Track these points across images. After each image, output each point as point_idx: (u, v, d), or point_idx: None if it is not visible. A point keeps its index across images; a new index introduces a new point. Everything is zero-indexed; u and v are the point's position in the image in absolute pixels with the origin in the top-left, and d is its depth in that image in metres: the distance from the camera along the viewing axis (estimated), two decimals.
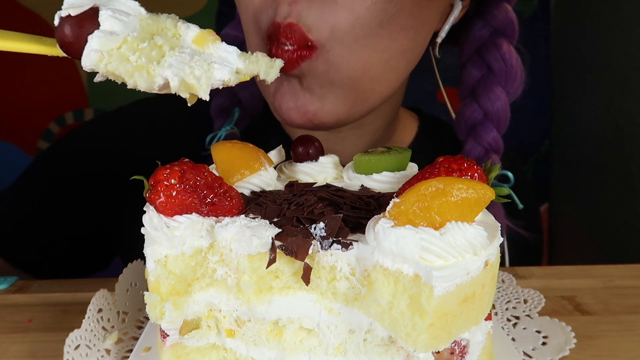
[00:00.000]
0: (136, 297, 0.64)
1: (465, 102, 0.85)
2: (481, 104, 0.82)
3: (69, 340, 0.53)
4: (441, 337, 0.41)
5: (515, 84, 0.83)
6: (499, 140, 0.84)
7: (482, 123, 0.83)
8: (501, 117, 0.82)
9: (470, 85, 0.84)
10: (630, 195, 1.39)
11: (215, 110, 0.88)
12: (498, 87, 0.82)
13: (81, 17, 0.42)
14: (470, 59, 0.84)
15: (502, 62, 0.81)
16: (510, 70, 0.82)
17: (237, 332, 0.50)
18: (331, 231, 0.44)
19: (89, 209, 0.91)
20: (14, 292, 0.72)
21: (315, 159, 0.60)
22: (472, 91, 0.84)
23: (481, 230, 0.42)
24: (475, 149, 0.83)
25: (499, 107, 0.82)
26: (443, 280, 0.39)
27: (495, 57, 0.82)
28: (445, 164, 0.48)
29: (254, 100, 0.88)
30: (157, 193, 0.45)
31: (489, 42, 0.83)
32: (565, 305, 0.67)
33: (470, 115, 0.83)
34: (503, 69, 0.82)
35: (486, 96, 0.82)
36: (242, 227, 0.45)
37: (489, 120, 0.83)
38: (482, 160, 0.83)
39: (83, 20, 0.43)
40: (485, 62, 0.83)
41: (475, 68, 0.84)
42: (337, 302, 0.46)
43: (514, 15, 0.83)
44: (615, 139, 1.43)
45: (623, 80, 1.39)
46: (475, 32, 0.83)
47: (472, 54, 0.84)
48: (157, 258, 0.47)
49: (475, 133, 0.83)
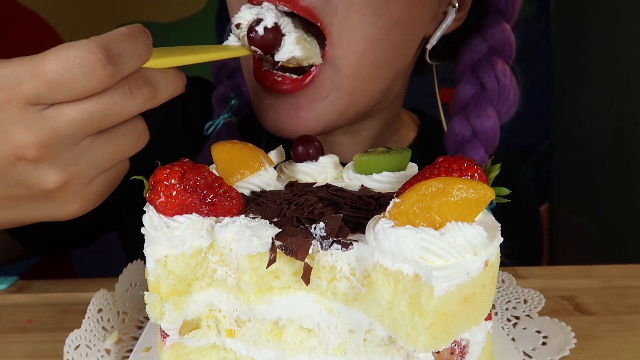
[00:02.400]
0: (136, 297, 0.64)
1: (457, 117, 0.84)
2: (471, 121, 0.81)
3: (69, 340, 0.53)
4: (441, 337, 0.41)
5: (507, 104, 0.82)
6: (486, 159, 0.82)
7: (470, 141, 0.82)
8: (489, 137, 0.81)
9: (463, 101, 0.84)
10: (630, 195, 1.38)
11: (217, 100, 0.88)
12: (489, 106, 0.81)
13: (275, 27, 0.64)
14: (464, 74, 0.84)
15: (495, 81, 0.81)
16: (503, 90, 0.81)
17: (237, 332, 0.50)
18: (331, 231, 0.44)
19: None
20: (14, 292, 0.72)
21: (315, 159, 0.60)
22: (463, 107, 0.83)
23: (481, 230, 0.42)
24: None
25: (489, 126, 0.80)
26: (443, 280, 0.39)
27: (489, 75, 0.81)
28: (445, 164, 0.48)
29: None
30: (157, 193, 0.45)
31: (484, 60, 0.82)
32: (565, 305, 0.67)
33: (460, 132, 0.82)
34: (496, 88, 0.81)
35: (477, 114, 0.81)
36: (242, 227, 0.45)
37: (477, 139, 0.81)
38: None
39: (277, 28, 0.64)
40: (479, 79, 0.82)
41: (469, 84, 0.83)
42: (337, 302, 0.46)
43: (512, 36, 0.83)
44: (615, 139, 1.43)
45: (623, 80, 1.39)
46: (471, 48, 0.83)
47: (467, 70, 0.84)
48: (157, 258, 0.47)
49: (462, 150, 0.82)
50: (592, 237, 1.58)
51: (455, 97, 0.85)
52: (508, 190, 0.47)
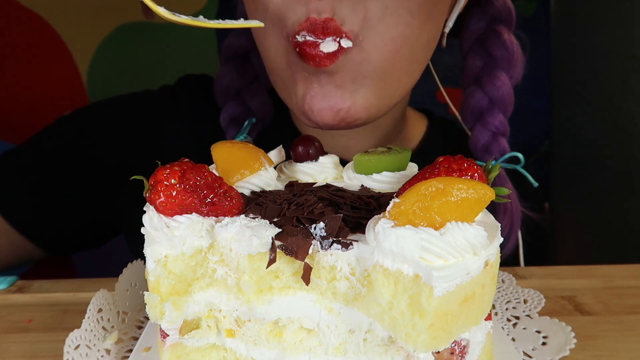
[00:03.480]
0: (136, 297, 0.64)
1: (470, 90, 0.87)
2: (487, 91, 0.85)
3: (69, 340, 0.53)
4: (441, 337, 0.41)
5: (517, 69, 0.85)
6: (506, 124, 0.86)
7: (488, 109, 0.85)
8: (507, 102, 0.85)
9: (474, 74, 0.86)
10: (631, 195, 1.38)
11: (226, 121, 0.87)
12: (502, 73, 0.84)
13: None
14: (471, 49, 0.86)
15: (503, 49, 0.84)
16: (512, 56, 0.84)
17: (237, 332, 0.50)
18: (331, 231, 0.44)
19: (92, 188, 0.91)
20: (14, 292, 0.72)
21: (315, 159, 0.60)
22: (475, 79, 0.86)
23: (481, 230, 0.42)
24: (483, 135, 0.86)
25: (504, 92, 0.84)
26: (443, 281, 0.39)
27: (496, 45, 0.84)
28: (445, 164, 0.48)
29: (265, 108, 0.88)
30: (157, 193, 0.45)
31: (489, 31, 0.85)
32: (565, 305, 0.67)
33: (477, 103, 0.86)
34: (505, 56, 0.84)
35: (491, 83, 0.84)
36: (242, 227, 0.45)
37: (495, 106, 0.85)
38: (492, 145, 0.85)
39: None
40: (487, 50, 0.85)
41: (477, 57, 0.86)
42: (337, 302, 0.46)
43: (511, 3, 0.85)
44: (615, 139, 1.43)
45: (623, 80, 1.39)
46: (474, 22, 0.85)
47: (473, 44, 0.86)
48: (157, 258, 0.47)
49: (482, 119, 0.86)
50: (592, 237, 1.58)
51: (465, 71, 0.88)
52: (508, 190, 0.47)
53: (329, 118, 0.69)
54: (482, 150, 0.86)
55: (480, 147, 0.86)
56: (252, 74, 0.87)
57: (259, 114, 0.87)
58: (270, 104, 0.88)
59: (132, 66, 1.80)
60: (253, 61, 0.87)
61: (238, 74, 0.87)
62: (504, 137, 0.86)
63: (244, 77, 0.86)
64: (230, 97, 0.88)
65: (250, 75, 0.87)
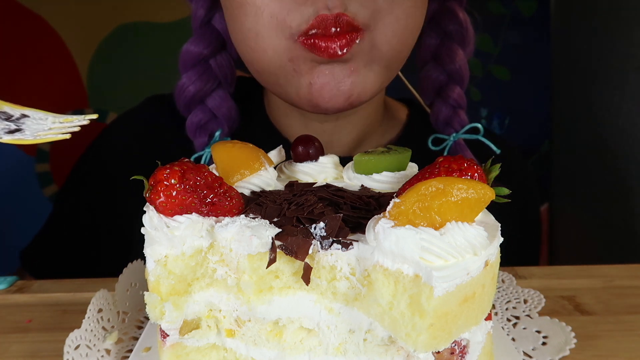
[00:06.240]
0: (136, 297, 0.64)
1: (427, 67, 0.90)
2: (445, 67, 0.88)
3: (69, 340, 0.53)
4: (441, 337, 0.41)
5: (471, 43, 0.89)
6: (463, 96, 0.90)
7: (447, 84, 0.89)
8: (464, 75, 0.89)
9: (430, 52, 0.90)
10: (630, 195, 1.38)
11: (193, 127, 0.86)
12: (458, 49, 0.88)
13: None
14: (425, 28, 0.88)
15: (458, 25, 0.87)
16: (466, 32, 0.88)
17: (237, 332, 0.50)
18: (331, 231, 0.44)
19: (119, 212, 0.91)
20: (14, 292, 0.72)
21: (315, 159, 0.60)
22: (433, 57, 0.90)
23: (481, 230, 0.42)
24: (443, 110, 0.88)
25: (461, 66, 0.88)
26: (443, 281, 0.39)
27: (452, 22, 0.87)
28: (445, 164, 0.48)
29: (231, 113, 0.87)
30: (157, 193, 0.45)
31: (443, 9, 0.88)
32: (565, 305, 0.67)
33: (436, 79, 0.89)
34: (459, 31, 0.88)
35: (449, 58, 0.88)
36: (242, 227, 0.45)
37: (453, 81, 0.88)
38: (452, 118, 0.88)
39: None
40: (442, 27, 0.88)
41: (433, 35, 0.89)
42: (337, 302, 0.46)
43: None
44: (615, 139, 1.43)
45: (623, 80, 1.39)
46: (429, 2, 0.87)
47: (428, 23, 0.88)
48: (157, 258, 0.47)
49: (442, 94, 0.89)
50: (592, 237, 1.58)
51: (421, 49, 0.90)
52: (508, 190, 0.47)
53: (340, 103, 0.72)
54: (444, 124, 0.88)
55: (441, 121, 0.88)
56: (214, 80, 0.87)
57: (227, 121, 0.87)
58: (235, 108, 0.88)
59: (132, 66, 1.80)
60: (213, 68, 0.86)
61: (202, 82, 0.85)
62: (463, 110, 0.89)
63: (208, 84, 0.86)
64: (194, 104, 0.87)
65: (213, 82, 0.86)
